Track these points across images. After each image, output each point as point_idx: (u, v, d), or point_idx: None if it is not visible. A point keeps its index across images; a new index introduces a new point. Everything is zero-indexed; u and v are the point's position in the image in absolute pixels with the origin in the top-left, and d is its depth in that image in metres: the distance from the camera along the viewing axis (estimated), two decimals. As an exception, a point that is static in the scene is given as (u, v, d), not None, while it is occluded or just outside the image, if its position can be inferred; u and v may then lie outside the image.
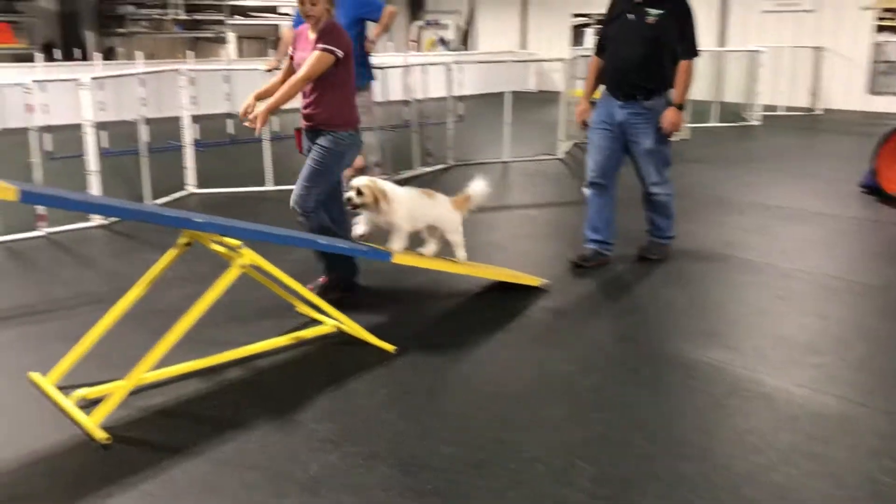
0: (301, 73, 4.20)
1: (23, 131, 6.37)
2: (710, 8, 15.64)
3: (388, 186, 4.27)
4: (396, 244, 4.27)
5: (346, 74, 4.31)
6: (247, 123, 4.21)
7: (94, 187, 6.26)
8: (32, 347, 3.98)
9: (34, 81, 5.88)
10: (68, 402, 3.33)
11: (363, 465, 2.94)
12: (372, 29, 6.67)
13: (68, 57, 12.94)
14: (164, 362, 3.43)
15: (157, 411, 3.38)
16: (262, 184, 7.56)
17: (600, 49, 5.30)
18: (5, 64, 12.40)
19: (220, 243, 3.57)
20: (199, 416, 3.35)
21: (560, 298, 4.73)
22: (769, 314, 4.52)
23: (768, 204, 7.11)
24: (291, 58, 4.44)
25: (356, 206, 4.20)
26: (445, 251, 4.64)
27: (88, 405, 3.32)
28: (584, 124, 5.33)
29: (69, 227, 6.12)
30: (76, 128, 6.28)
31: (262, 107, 4.17)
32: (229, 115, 10.28)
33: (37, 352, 3.88)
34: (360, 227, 4.35)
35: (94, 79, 6.08)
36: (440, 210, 4.51)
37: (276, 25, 17.22)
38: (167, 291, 4.45)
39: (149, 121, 6.99)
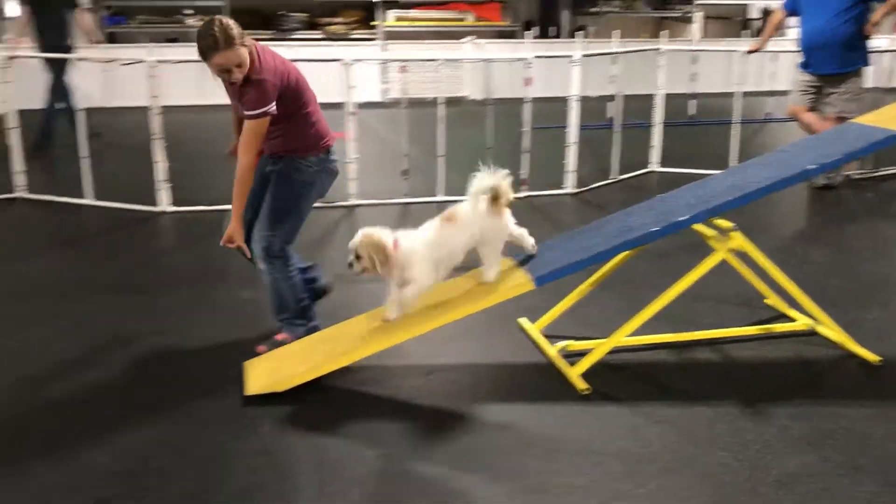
0: (241, 162, 3.50)
1: (508, 102, 7.06)
2: None
3: (388, 239, 3.35)
4: (397, 308, 3.45)
5: (293, 104, 3.58)
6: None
7: (571, 158, 6.75)
8: (521, 296, 4.46)
9: (536, 57, 6.48)
10: (552, 350, 3.69)
11: (846, 475, 2.79)
12: (877, 9, 6.09)
13: (543, 35, 14.01)
14: (637, 330, 3.59)
15: (630, 374, 3.58)
16: (725, 165, 7.43)
17: None
18: (491, 40, 13.81)
19: (710, 225, 3.60)
20: (668, 387, 3.47)
21: None
22: None
23: None
24: (235, 109, 3.72)
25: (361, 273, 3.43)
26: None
27: (568, 356, 3.64)
28: None
29: (545, 192, 6.70)
30: (550, 101, 6.79)
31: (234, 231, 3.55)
32: (692, 96, 10.27)
33: (523, 300, 4.34)
34: (390, 310, 3.49)
35: (585, 56, 6.51)
36: (473, 229, 3.46)
37: (745, 6, 16.59)
38: (634, 263, 4.64)
39: (614, 98, 7.30)
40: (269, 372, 3.43)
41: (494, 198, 3.43)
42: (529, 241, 3.66)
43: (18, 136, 6.54)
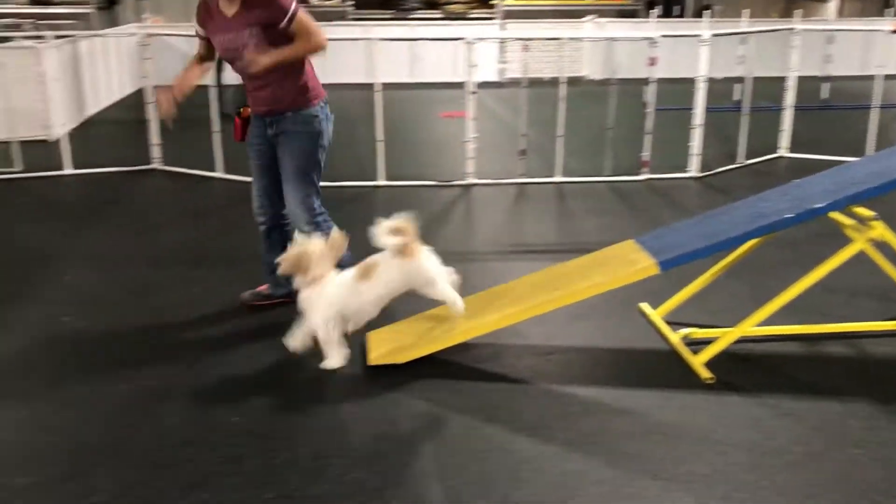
0: (306, 42, 3.48)
1: (629, 82, 6.90)
2: None
3: (320, 258, 3.28)
4: (329, 361, 3.35)
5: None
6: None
7: (696, 141, 6.55)
8: (642, 281, 4.37)
9: (662, 36, 6.31)
10: (675, 337, 3.62)
11: None
12: None
13: (667, 14, 13.63)
14: (764, 321, 3.46)
15: (756, 365, 3.46)
16: (861, 153, 7.04)
17: None
18: (612, 19, 13.52)
19: (848, 213, 3.43)
20: (795, 380, 3.34)
21: None
22: None
23: None
24: (206, 40, 3.69)
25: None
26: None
27: (691, 343, 3.55)
28: None
29: (667, 175, 6.54)
30: (672, 82, 6.59)
31: (255, 61, 3.47)
32: (825, 79, 9.77)
33: (645, 285, 4.25)
34: (293, 338, 3.41)
35: (714, 35, 6.29)
36: (392, 280, 3.31)
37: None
38: (763, 250, 4.47)
39: (742, 80, 7.02)
40: (390, 343, 3.51)
41: (402, 243, 3.26)
42: (448, 296, 3.38)
43: (156, 110, 6.89)
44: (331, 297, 3.30)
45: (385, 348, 3.47)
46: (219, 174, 6.62)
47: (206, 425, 3.01)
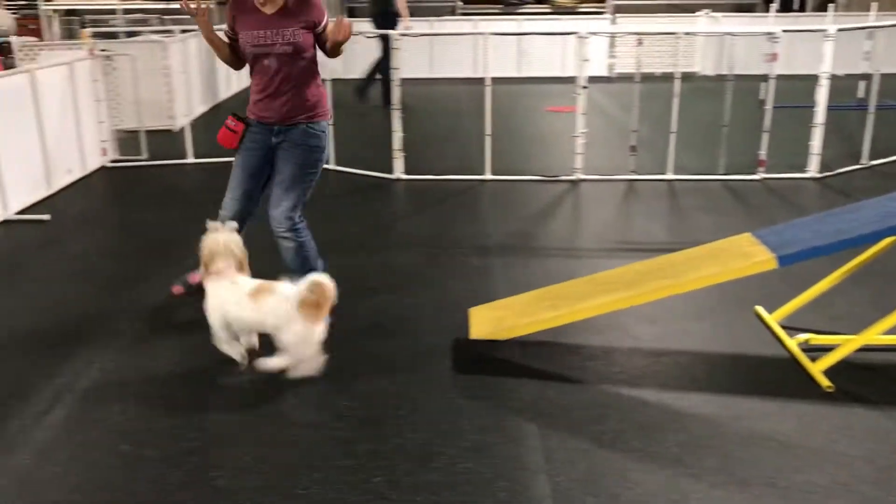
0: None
1: (744, 78, 6.66)
2: None
3: (224, 259, 3.30)
4: (269, 362, 3.24)
5: (315, 51, 3.68)
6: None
7: (816, 140, 6.29)
8: (758, 283, 4.24)
9: (783, 31, 6.07)
10: (792, 343, 3.49)
11: None
12: None
13: (785, 8, 13.11)
14: (892, 329, 3.30)
15: (881, 375, 3.30)
16: None
17: None
18: (727, 13, 13.10)
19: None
20: (924, 393, 3.17)
21: None
22: None
23: None
24: (235, 40, 3.69)
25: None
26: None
27: (809, 350, 3.42)
28: None
29: (785, 175, 6.30)
30: (791, 79, 6.33)
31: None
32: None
33: (762, 287, 4.12)
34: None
35: (840, 30, 6.01)
36: (268, 314, 3.21)
37: None
38: (892, 253, 4.26)
39: (868, 77, 6.67)
40: (493, 320, 3.51)
41: (312, 303, 3.13)
42: (287, 362, 3.22)
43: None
44: (219, 299, 3.30)
45: (488, 326, 3.47)
46: (332, 166, 6.78)
47: (319, 409, 3.10)
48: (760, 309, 3.83)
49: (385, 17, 9.25)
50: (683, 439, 2.86)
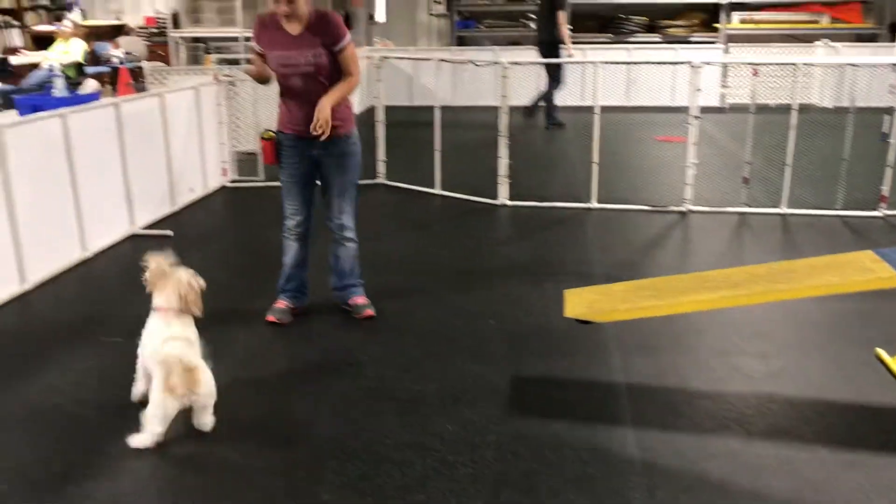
0: (354, 76, 3.85)
1: (865, 111, 6.38)
2: None
3: (156, 279, 3.22)
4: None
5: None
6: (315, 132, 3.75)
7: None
8: (876, 323, 4.05)
9: (911, 62, 5.83)
10: (916, 389, 3.32)
11: None
12: None
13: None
14: None
15: None
16: None
17: None
18: (847, 43, 12.63)
19: None
20: None
21: None
22: None
23: None
24: (262, 56, 3.88)
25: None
26: None
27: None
28: None
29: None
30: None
31: (324, 111, 3.71)
32: None
33: (884, 328, 3.94)
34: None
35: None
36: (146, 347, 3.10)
37: None
38: None
39: None
40: (589, 302, 3.46)
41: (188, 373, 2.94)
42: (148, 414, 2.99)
43: (384, 129, 7.32)
44: (150, 324, 3.19)
45: (585, 307, 3.40)
46: (437, 190, 6.89)
47: (422, 430, 3.15)
48: (882, 352, 3.66)
49: (549, 46, 9.88)
50: (792, 485, 2.76)
